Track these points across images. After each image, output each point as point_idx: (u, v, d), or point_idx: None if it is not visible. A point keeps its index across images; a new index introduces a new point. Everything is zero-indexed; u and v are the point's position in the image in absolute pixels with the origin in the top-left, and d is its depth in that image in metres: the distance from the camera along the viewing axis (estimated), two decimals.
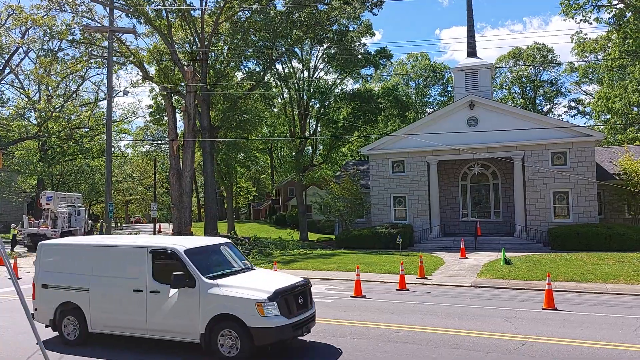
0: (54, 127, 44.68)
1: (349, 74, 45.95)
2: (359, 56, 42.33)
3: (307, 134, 47.19)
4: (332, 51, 42.42)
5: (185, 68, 32.69)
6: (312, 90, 45.36)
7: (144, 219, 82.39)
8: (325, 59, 44.14)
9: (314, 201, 43.01)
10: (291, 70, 46.05)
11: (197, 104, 36.64)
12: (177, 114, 36.06)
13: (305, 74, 46.08)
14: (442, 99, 74.53)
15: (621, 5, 31.90)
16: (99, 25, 34.61)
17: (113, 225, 53.87)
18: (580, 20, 32.51)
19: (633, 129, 52.09)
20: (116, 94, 47.05)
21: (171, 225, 45.55)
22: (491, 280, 19.17)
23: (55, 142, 48.13)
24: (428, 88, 76.16)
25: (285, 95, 47.51)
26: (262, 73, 39.65)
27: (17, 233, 36.10)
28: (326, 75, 47.29)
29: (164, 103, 38.71)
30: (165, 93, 33.87)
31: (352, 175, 37.11)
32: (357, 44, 42.62)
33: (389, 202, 34.17)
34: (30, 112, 48.54)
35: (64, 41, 40.98)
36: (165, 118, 40.15)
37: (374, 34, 45.02)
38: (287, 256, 27.54)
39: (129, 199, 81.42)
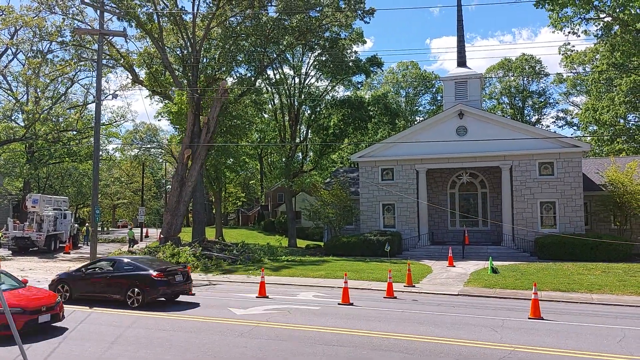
0: (42, 129, 44.22)
1: (340, 81, 46.04)
2: (350, 63, 42.43)
3: (297, 140, 47.15)
4: (324, 58, 42.46)
5: (220, 83, 32.68)
6: (303, 96, 45.36)
7: (131, 224, 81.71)
8: (317, 66, 44.19)
9: (303, 207, 42.89)
10: (282, 76, 46.06)
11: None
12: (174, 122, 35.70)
13: (297, 80, 46.12)
14: (431, 107, 75.00)
15: (609, 19, 32.28)
16: (90, 27, 34.41)
17: (99, 229, 53.40)
18: (569, 32, 32.78)
19: (620, 141, 52.71)
20: (105, 97, 46.72)
21: (158, 230, 45.14)
22: (478, 289, 19.22)
23: (43, 145, 47.63)
24: (418, 97, 76.60)
25: (276, 101, 47.47)
26: (253, 78, 39.59)
27: (2, 236, 35.62)
28: (317, 81, 47.36)
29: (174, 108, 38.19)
30: (192, 97, 33.06)
31: (341, 182, 37.08)
32: (348, 51, 42.72)
33: (378, 210, 34.21)
34: (18, 113, 48.00)
35: (53, 43, 40.73)
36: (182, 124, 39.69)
37: (365, 42, 45.22)
38: (276, 263, 27.43)
39: (116, 203, 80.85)
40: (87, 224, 45.94)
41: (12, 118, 47.39)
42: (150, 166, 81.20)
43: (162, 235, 32.44)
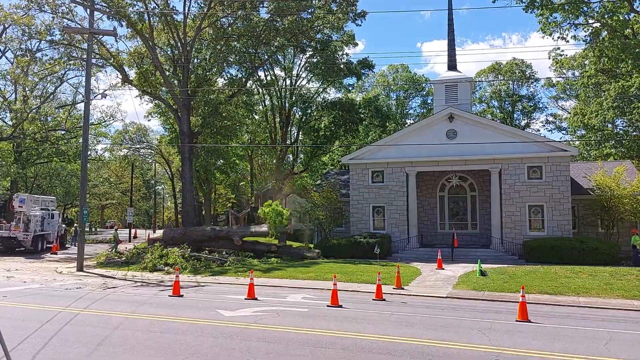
0: (30, 128, 43.83)
1: (331, 83, 46.10)
2: (342, 65, 42.52)
3: (288, 141, 47.12)
4: (315, 60, 42.52)
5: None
6: (294, 98, 45.36)
7: (119, 224, 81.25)
8: (308, 68, 44.24)
9: (294, 209, 42.80)
10: (273, 77, 46.05)
11: (178, 110, 36.39)
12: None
13: (288, 81, 46.13)
14: (422, 111, 75.27)
15: (597, 24, 32.62)
16: (79, 26, 34.18)
17: (87, 230, 52.97)
18: (558, 37, 33.11)
19: (608, 145, 53.22)
20: (94, 97, 46.45)
21: (147, 231, 44.75)
22: (467, 291, 19.29)
23: (31, 144, 47.22)
24: (408, 100, 76.88)
25: (267, 102, 47.46)
26: (244, 79, 39.53)
27: None
28: (308, 83, 47.40)
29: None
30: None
31: (332, 184, 37.08)
32: (339, 53, 42.83)
33: (368, 212, 34.25)
34: (6, 112, 47.56)
35: (42, 41, 40.42)
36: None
37: (356, 44, 45.29)
38: (265, 264, 27.35)
39: (105, 204, 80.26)
40: (75, 224, 45.52)
41: (0, 117, 46.93)
42: (139, 166, 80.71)
43: (150, 237, 32.27)
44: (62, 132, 50.85)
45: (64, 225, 43.29)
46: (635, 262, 26.55)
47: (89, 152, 33.90)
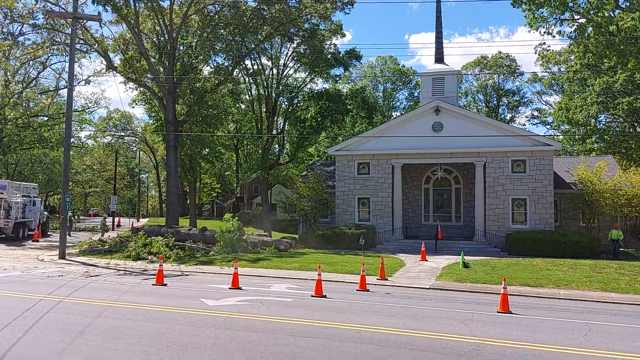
0: (11, 114, 43.07)
1: (318, 73, 45.83)
2: (329, 56, 42.34)
3: (274, 131, 46.88)
4: (302, 49, 42.26)
5: None
6: (280, 87, 45.06)
7: (102, 212, 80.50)
8: (295, 57, 43.93)
9: (279, 200, 42.74)
10: (260, 67, 45.65)
11: (163, 98, 36.02)
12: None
13: (275, 71, 45.78)
14: (409, 103, 75.50)
15: (583, 20, 32.90)
16: (63, 10, 33.55)
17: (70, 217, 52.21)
18: (544, 32, 33.34)
19: (591, 141, 53.92)
20: (78, 83, 45.73)
21: (131, 219, 44.26)
22: (450, 283, 19.49)
23: (12, 130, 46.41)
24: (395, 92, 77.03)
25: (254, 91, 47.08)
26: (230, 68, 39.17)
27: None
28: (295, 73, 47.06)
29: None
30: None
31: (318, 175, 37.11)
32: (327, 43, 42.61)
33: (353, 203, 34.35)
34: None
35: (25, 25, 39.60)
36: None
37: (344, 35, 45.03)
38: (250, 254, 27.32)
39: (88, 191, 79.43)
40: (69, 214, 44.96)
41: None
42: (123, 154, 79.94)
43: (133, 225, 31.98)
44: (45, 119, 50.10)
45: (46, 213, 42.76)
46: (615, 256, 27.04)
47: (72, 139, 33.44)
